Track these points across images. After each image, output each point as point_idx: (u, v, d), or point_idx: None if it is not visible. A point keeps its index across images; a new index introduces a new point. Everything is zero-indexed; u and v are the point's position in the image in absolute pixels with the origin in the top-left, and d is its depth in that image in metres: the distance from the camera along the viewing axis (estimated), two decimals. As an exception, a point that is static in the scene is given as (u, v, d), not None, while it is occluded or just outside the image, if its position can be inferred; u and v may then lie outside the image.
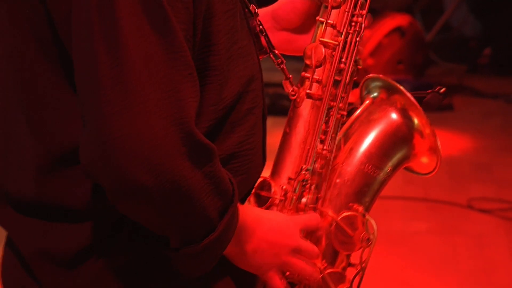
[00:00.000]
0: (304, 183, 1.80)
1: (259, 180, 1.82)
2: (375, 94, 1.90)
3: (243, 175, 1.76)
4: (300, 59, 1.92)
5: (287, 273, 1.81)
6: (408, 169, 1.94)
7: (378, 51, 7.28)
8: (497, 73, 7.79)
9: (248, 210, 1.72)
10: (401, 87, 1.85)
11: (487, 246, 4.81)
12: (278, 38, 1.99)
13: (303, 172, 1.79)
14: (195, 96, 1.60)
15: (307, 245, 1.77)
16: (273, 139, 1.98)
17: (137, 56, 1.55)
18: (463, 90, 7.32)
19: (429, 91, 1.92)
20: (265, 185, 1.82)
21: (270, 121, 1.90)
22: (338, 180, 1.84)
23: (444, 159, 5.93)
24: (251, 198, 1.81)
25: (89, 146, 1.56)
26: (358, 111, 1.89)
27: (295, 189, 1.80)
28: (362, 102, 1.93)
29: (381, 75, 1.89)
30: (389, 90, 1.88)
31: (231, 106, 1.73)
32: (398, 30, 7.34)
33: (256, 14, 1.88)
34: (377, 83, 1.89)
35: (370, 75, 1.90)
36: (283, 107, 6.73)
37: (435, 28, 8.15)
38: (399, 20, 7.39)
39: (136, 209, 1.62)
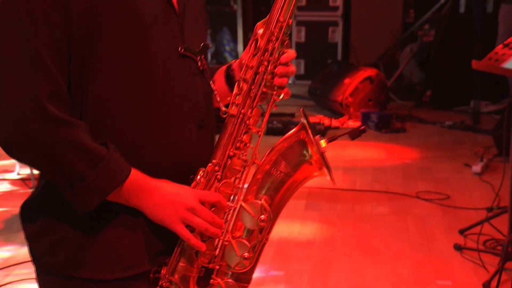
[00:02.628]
0: (215, 173, 1.71)
1: (199, 169, 1.71)
2: (299, 125, 1.80)
3: (168, 163, 1.69)
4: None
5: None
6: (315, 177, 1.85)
7: (355, 92, 7.35)
8: (435, 107, 7.80)
9: (151, 179, 1.63)
10: (308, 127, 1.76)
11: (428, 223, 4.83)
12: None
13: (211, 165, 1.71)
14: (52, 82, 1.52)
15: (202, 209, 1.65)
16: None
17: (2, 60, 1.53)
18: (412, 119, 7.41)
19: (351, 128, 1.90)
20: (199, 172, 1.71)
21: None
22: (259, 177, 1.77)
23: (400, 164, 6.04)
24: (193, 181, 1.71)
25: None
26: (289, 133, 1.80)
27: (207, 176, 1.71)
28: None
29: (303, 113, 1.81)
30: (302, 127, 1.77)
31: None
32: (368, 78, 7.41)
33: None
34: (303, 119, 1.79)
35: (302, 108, 1.85)
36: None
37: (393, 77, 8.13)
38: (369, 72, 7.46)
39: (17, 157, 1.62)
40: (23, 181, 5.53)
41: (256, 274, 4.26)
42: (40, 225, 1.67)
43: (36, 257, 1.70)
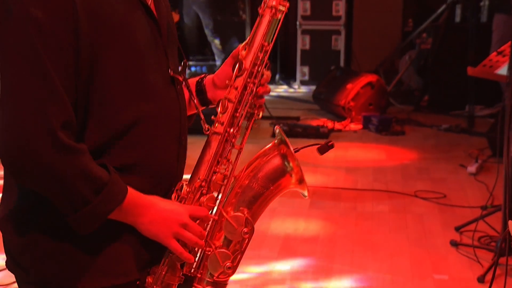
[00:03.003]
0: (201, 188, 1.73)
1: (180, 183, 1.74)
2: (276, 140, 1.84)
3: (154, 179, 1.70)
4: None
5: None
6: (298, 190, 1.86)
7: (357, 97, 7.34)
8: (432, 112, 7.78)
9: (145, 196, 1.65)
10: (289, 143, 1.80)
11: (426, 221, 4.84)
12: (214, 94, 1.93)
13: (198, 181, 1.74)
14: (64, 111, 1.51)
15: (193, 224, 1.68)
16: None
17: (19, 88, 1.49)
18: (410, 122, 7.40)
19: (320, 143, 1.92)
20: (181, 187, 1.73)
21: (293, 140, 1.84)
22: (238, 190, 1.79)
23: (399, 165, 6.08)
24: (173, 194, 1.73)
25: None
26: (265, 148, 1.84)
27: (195, 191, 1.73)
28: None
29: (281, 130, 1.86)
30: (281, 141, 1.82)
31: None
32: (369, 84, 7.41)
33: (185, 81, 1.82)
34: (279, 134, 1.84)
35: (278, 126, 1.88)
36: (297, 132, 6.69)
37: (392, 83, 8.14)
38: (370, 77, 7.48)
39: (21, 180, 1.58)
40: None
41: (264, 268, 4.30)
42: (28, 238, 1.64)
43: (25, 269, 1.67)
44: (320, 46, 8.99)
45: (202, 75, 1.97)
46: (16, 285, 1.67)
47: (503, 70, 4.39)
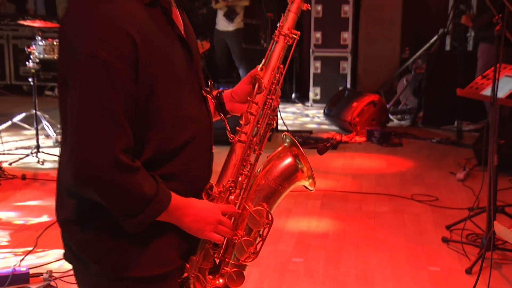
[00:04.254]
0: (230, 188, 1.75)
1: (208, 184, 1.76)
2: (286, 144, 1.86)
3: (190, 182, 1.71)
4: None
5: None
6: (304, 187, 1.88)
7: (361, 113, 7.33)
8: (426, 126, 7.75)
9: (184, 199, 1.67)
10: (298, 144, 1.82)
11: (421, 220, 4.80)
12: (232, 106, 1.92)
13: (229, 181, 1.75)
14: (126, 137, 1.54)
15: (226, 220, 1.71)
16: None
17: (88, 117, 1.50)
18: (407, 136, 7.35)
19: (321, 144, 1.94)
20: (211, 187, 1.75)
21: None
22: (257, 188, 1.81)
23: (397, 172, 5.98)
24: (204, 195, 1.75)
25: (67, 154, 1.58)
26: (276, 151, 1.86)
27: (225, 191, 1.75)
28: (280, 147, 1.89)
29: (289, 134, 1.87)
30: (292, 144, 1.84)
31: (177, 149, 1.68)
32: (372, 102, 7.40)
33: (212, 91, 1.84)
34: (288, 139, 1.86)
35: (286, 132, 1.88)
36: (310, 143, 6.65)
37: (391, 102, 8.11)
38: (373, 97, 7.46)
39: (86, 194, 1.58)
40: None
41: (280, 261, 4.27)
42: (89, 236, 1.65)
43: (85, 262, 1.68)
44: (330, 70, 8.98)
45: (220, 90, 1.96)
46: (70, 272, 1.68)
47: (487, 91, 4.36)
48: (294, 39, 1.84)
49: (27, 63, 6.44)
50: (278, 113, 6.61)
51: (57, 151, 6.46)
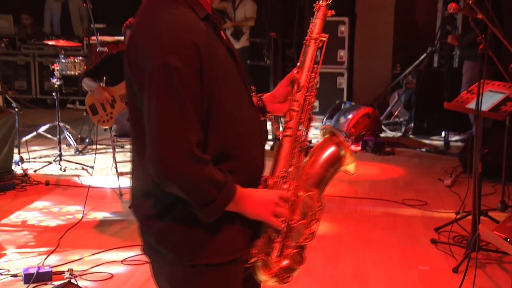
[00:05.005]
0: (283, 178, 1.79)
1: (263, 177, 1.80)
2: (326, 135, 1.90)
3: (247, 176, 1.75)
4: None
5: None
6: (345, 171, 1.92)
7: (357, 125, 7.31)
8: (416, 137, 7.72)
9: (245, 189, 1.70)
10: (338, 133, 1.89)
11: (411, 223, 4.80)
12: (273, 107, 1.95)
13: (282, 171, 1.79)
14: (197, 134, 1.60)
15: (282, 203, 1.74)
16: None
17: (165, 117, 1.57)
18: (399, 145, 7.33)
19: (363, 132, 1.99)
20: (265, 180, 1.79)
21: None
22: (306, 177, 1.83)
23: (390, 179, 5.93)
24: (261, 185, 1.78)
25: (146, 159, 1.62)
26: (319, 142, 1.91)
27: (278, 181, 1.79)
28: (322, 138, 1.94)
29: (329, 127, 1.95)
30: (333, 134, 1.89)
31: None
32: (366, 114, 7.38)
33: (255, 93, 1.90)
34: (327, 131, 1.91)
35: (326, 125, 2.01)
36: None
37: (384, 114, 8.10)
38: (367, 109, 7.45)
39: (169, 189, 1.63)
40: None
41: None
42: (166, 229, 1.70)
43: (162, 252, 1.73)
44: (328, 85, 8.97)
45: (260, 94, 2.00)
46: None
47: (472, 105, 4.36)
48: (323, 42, 1.90)
49: (51, 79, 6.50)
50: (280, 124, 6.63)
51: (77, 159, 6.49)
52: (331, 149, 1.87)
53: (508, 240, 2.05)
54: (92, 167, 5.89)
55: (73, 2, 9.74)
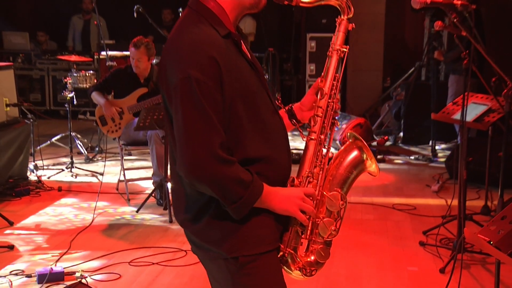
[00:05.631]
0: (308, 178, 1.83)
1: (290, 178, 1.83)
2: (350, 139, 1.93)
3: (273, 178, 1.78)
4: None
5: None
6: (369, 172, 1.93)
7: (349, 134, 7.23)
8: (405, 145, 7.72)
9: (271, 187, 1.74)
10: (361, 139, 1.90)
11: (401, 226, 4.81)
12: (302, 115, 2.00)
13: (307, 172, 1.83)
14: (220, 137, 1.65)
15: (308, 199, 1.78)
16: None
17: (189, 124, 1.65)
18: (390, 153, 7.31)
19: (378, 140, 2.01)
20: (293, 180, 1.82)
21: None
22: (330, 178, 1.86)
23: (381, 185, 5.89)
24: (288, 184, 1.81)
25: (178, 161, 1.68)
26: (344, 146, 1.92)
27: (304, 181, 1.82)
28: (344, 143, 1.96)
29: (353, 131, 1.95)
30: (356, 139, 1.91)
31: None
32: (359, 124, 7.34)
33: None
34: (352, 135, 1.93)
35: (349, 131, 1.96)
36: None
37: (375, 124, 8.10)
38: (360, 120, 7.41)
39: (200, 189, 1.70)
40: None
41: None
42: (206, 227, 1.76)
43: (208, 249, 1.78)
44: (323, 97, 8.98)
45: (290, 105, 2.04)
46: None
47: (457, 116, 4.37)
48: (345, 53, 1.92)
49: (63, 91, 6.53)
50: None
51: (88, 166, 6.49)
52: (354, 152, 1.89)
53: (491, 242, 2.04)
54: (102, 174, 5.89)
55: (93, 20, 9.84)
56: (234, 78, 1.69)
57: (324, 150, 1.89)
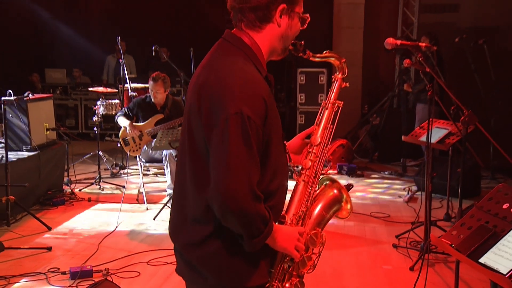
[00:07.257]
0: (300, 217, 1.70)
1: (282, 214, 1.68)
2: (327, 182, 1.80)
3: (278, 214, 1.66)
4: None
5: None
6: (337, 216, 1.82)
7: (334, 153, 7.28)
8: (380, 163, 7.72)
9: (276, 225, 1.60)
10: (338, 181, 1.79)
11: (377, 231, 4.82)
12: (294, 159, 1.84)
13: (300, 212, 1.69)
14: (258, 174, 1.50)
15: (301, 239, 1.65)
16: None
17: (235, 158, 1.46)
18: (367, 169, 7.29)
19: (348, 184, 1.88)
20: (283, 217, 1.68)
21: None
22: (311, 219, 1.73)
23: (360, 196, 5.83)
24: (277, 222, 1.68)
25: (212, 193, 1.49)
26: (320, 189, 1.79)
27: (296, 220, 1.69)
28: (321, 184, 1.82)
29: (326, 175, 1.87)
30: (333, 181, 1.79)
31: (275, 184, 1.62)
32: (341, 145, 7.36)
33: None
34: (326, 178, 1.81)
35: (324, 175, 1.81)
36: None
37: (355, 144, 8.10)
38: (342, 141, 7.43)
39: (227, 222, 1.51)
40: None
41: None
42: (211, 254, 1.58)
43: (206, 276, 1.60)
44: (311, 122, 8.86)
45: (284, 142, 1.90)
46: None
47: (423, 138, 4.39)
48: (339, 107, 1.83)
49: (93, 117, 6.56)
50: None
51: (113, 180, 6.49)
52: (333, 193, 1.77)
53: (453, 245, 2.05)
54: (124, 187, 5.90)
55: (124, 57, 9.98)
56: (273, 119, 1.56)
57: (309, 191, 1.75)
